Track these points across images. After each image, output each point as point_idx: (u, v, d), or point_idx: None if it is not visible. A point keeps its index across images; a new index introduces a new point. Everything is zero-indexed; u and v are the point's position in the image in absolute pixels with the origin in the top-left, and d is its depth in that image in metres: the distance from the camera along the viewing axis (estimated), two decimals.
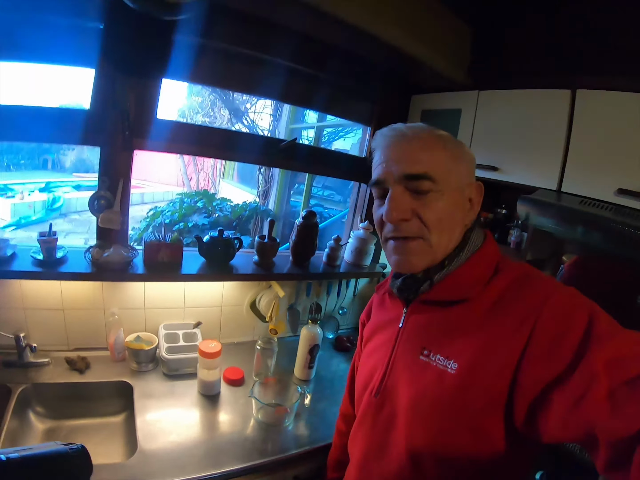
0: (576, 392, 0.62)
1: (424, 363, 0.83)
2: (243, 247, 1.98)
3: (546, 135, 1.63)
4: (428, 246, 0.82)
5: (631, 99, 1.40)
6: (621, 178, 1.40)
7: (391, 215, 0.80)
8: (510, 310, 0.76)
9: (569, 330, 0.67)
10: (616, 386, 0.58)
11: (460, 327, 0.81)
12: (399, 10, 1.65)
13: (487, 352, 0.75)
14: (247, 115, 4.98)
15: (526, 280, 0.80)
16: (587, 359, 0.63)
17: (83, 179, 7.96)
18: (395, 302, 0.98)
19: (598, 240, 1.51)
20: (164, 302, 1.92)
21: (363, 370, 1.02)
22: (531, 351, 0.70)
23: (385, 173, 0.83)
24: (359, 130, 2.89)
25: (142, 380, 1.69)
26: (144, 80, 1.62)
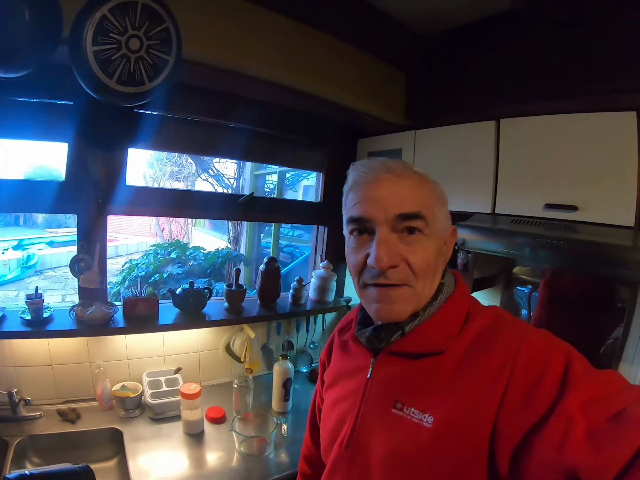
0: (556, 436, 0.63)
1: (397, 417, 0.81)
2: (214, 295, 2.29)
3: (478, 163, 1.94)
4: (414, 294, 0.82)
5: (546, 121, 1.72)
6: (547, 194, 1.70)
7: (382, 262, 0.78)
8: (484, 358, 0.76)
9: (546, 374, 0.68)
10: (593, 427, 0.60)
11: (433, 379, 0.80)
12: (338, 72, 2.03)
13: (464, 403, 0.74)
14: (213, 165, 5.35)
15: (498, 326, 0.81)
16: (564, 402, 0.64)
17: (56, 234, 8.21)
18: (361, 350, 0.95)
19: (542, 256, 1.72)
20: (145, 352, 2.17)
21: (328, 420, 1.00)
22: (509, 399, 0.69)
23: (372, 210, 0.81)
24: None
25: (131, 425, 1.92)
26: (112, 152, 1.93)
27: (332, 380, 1.05)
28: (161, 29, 1.44)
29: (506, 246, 1.79)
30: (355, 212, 0.84)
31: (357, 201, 0.84)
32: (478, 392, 0.73)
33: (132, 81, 1.45)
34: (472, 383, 0.75)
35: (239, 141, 2.34)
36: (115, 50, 1.38)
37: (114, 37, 1.36)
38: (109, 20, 1.33)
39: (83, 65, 1.35)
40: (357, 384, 0.92)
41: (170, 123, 2.11)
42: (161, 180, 5.90)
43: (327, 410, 1.03)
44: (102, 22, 1.32)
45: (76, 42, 1.32)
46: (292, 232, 5.69)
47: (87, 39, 1.31)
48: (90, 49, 1.32)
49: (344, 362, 1.03)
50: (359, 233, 0.84)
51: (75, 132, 1.82)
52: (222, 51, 1.69)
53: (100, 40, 1.33)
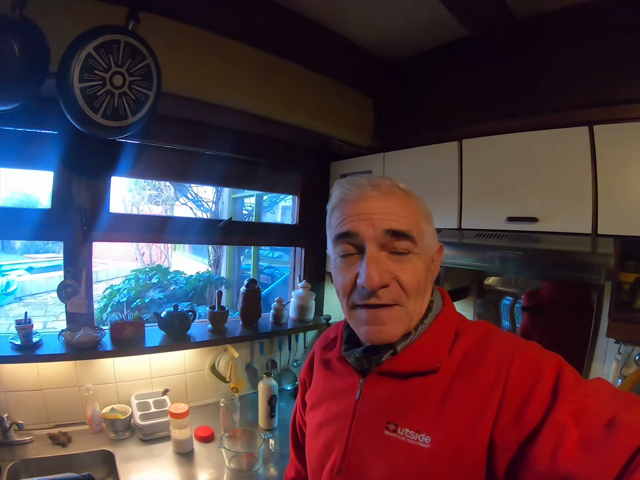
0: (549, 445, 0.63)
1: (391, 438, 0.79)
2: (198, 317, 2.38)
3: (443, 181, 2.07)
4: (405, 313, 0.80)
5: (505, 140, 1.86)
6: (509, 207, 1.84)
7: (373, 281, 0.75)
8: (477, 374, 0.75)
9: (538, 386, 0.69)
10: (586, 435, 0.61)
11: (426, 398, 0.78)
12: (308, 100, 2.17)
13: (460, 420, 0.73)
14: (191, 189, 5.45)
15: (488, 341, 0.80)
16: (555, 412, 0.65)
17: (35, 260, 8.09)
18: (347, 370, 0.92)
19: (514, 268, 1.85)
20: (132, 375, 2.22)
21: (315, 444, 0.96)
22: (504, 412, 0.70)
23: (360, 226, 0.79)
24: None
25: (122, 447, 1.95)
26: (96, 180, 2.02)
27: (316, 401, 1.01)
28: (142, 66, 1.56)
29: (475, 259, 1.90)
30: (343, 228, 0.81)
31: (344, 218, 0.81)
32: (473, 407, 0.73)
33: (116, 115, 1.55)
34: (466, 399, 0.74)
35: (215, 168, 2.46)
36: (100, 87, 1.48)
37: (98, 74, 1.47)
38: (94, 58, 1.44)
39: (70, 101, 1.45)
40: (345, 405, 0.89)
41: (149, 151, 2.22)
42: (140, 204, 5.94)
43: (312, 434, 0.99)
44: (87, 59, 1.42)
45: (64, 79, 1.42)
46: (272, 254, 5.80)
47: (74, 76, 1.41)
48: (77, 85, 1.42)
49: (328, 382, 0.99)
50: (346, 255, 0.82)
51: (59, 161, 1.91)
52: (197, 83, 1.82)
53: (86, 77, 1.44)
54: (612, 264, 1.51)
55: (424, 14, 1.87)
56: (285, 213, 5.03)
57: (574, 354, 2.02)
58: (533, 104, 1.81)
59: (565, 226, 1.70)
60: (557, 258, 1.67)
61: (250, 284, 2.50)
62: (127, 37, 1.50)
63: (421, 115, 2.28)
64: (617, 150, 1.58)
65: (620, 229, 1.57)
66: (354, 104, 2.44)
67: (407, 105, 2.37)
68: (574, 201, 1.67)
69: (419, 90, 2.32)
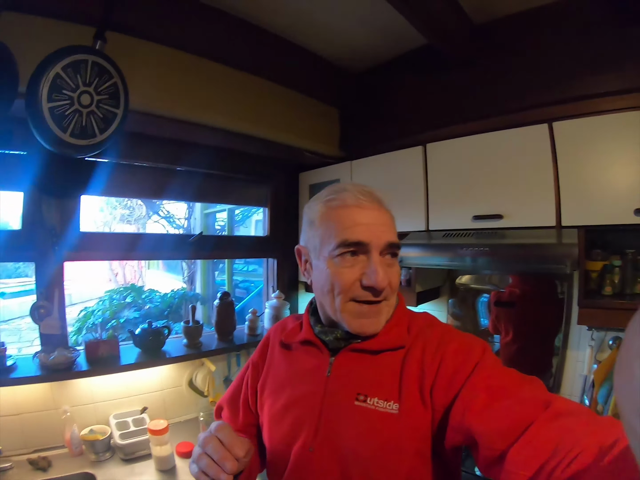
0: (461, 404, 0.77)
1: (362, 408, 0.87)
2: (172, 333, 2.39)
3: (410, 185, 2.15)
4: (388, 306, 0.94)
5: (468, 141, 1.95)
6: (474, 207, 1.92)
7: (384, 282, 0.87)
8: (422, 350, 0.88)
9: (465, 362, 0.82)
10: (492, 403, 0.74)
11: (389, 370, 0.89)
12: (275, 113, 2.24)
13: (416, 387, 0.85)
14: (163, 207, 5.42)
15: (431, 326, 0.95)
16: (471, 380, 0.79)
17: (6, 285, 7.81)
18: (313, 351, 1.00)
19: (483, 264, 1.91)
20: (110, 395, 2.20)
21: (279, 427, 0.99)
22: (439, 380, 0.83)
23: (369, 235, 0.88)
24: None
25: (103, 468, 1.93)
26: (66, 200, 2.01)
27: (277, 387, 1.05)
28: (110, 84, 1.59)
29: (444, 258, 1.96)
30: (353, 237, 0.88)
31: (349, 225, 0.89)
32: (422, 376, 0.86)
33: (85, 134, 1.57)
34: (416, 370, 0.87)
35: (187, 184, 2.48)
36: (69, 106, 1.50)
37: (66, 93, 1.49)
38: (62, 78, 1.46)
39: (39, 120, 1.46)
40: (314, 384, 0.96)
41: (121, 170, 2.23)
42: (112, 224, 5.85)
43: (275, 419, 1.01)
44: (56, 79, 1.44)
45: (33, 99, 1.43)
46: (246, 268, 5.83)
47: (42, 96, 1.43)
48: (45, 105, 1.44)
49: (290, 366, 1.05)
50: (352, 254, 0.89)
51: (29, 181, 1.91)
52: (167, 101, 1.85)
53: (54, 97, 1.46)
54: (576, 254, 1.58)
55: (384, 25, 1.95)
56: (258, 227, 5.06)
57: (544, 343, 2.12)
58: (493, 106, 1.89)
59: (530, 220, 1.79)
60: (523, 251, 1.74)
61: (224, 297, 2.54)
62: (95, 56, 1.53)
63: (385, 122, 2.35)
64: (576, 144, 1.67)
65: (583, 219, 1.66)
66: (321, 115, 2.51)
67: (371, 114, 2.44)
68: (538, 196, 1.76)
69: (382, 99, 2.39)
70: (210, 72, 1.97)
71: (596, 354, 1.91)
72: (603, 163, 1.62)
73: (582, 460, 0.56)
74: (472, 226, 1.94)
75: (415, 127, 2.19)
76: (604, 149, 1.62)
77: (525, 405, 0.71)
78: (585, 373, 1.93)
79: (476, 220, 1.92)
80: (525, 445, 0.65)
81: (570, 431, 0.62)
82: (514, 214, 1.83)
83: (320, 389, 0.94)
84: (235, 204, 3.40)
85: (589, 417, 0.67)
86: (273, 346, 1.13)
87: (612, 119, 1.60)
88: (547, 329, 2.12)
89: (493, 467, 0.70)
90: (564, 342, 2.03)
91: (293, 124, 2.32)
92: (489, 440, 0.71)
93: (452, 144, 2.02)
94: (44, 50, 1.44)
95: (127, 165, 2.25)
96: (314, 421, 0.92)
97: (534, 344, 2.17)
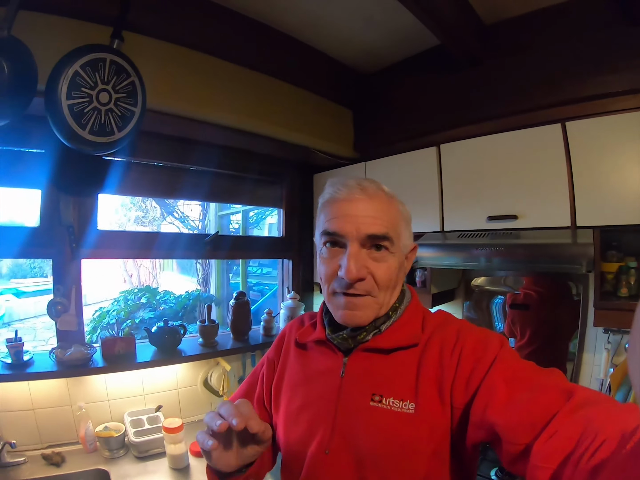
0: (482, 400, 0.76)
1: (377, 409, 0.86)
2: (188, 332, 2.40)
3: (424, 186, 2.15)
4: (375, 303, 0.90)
5: (481, 142, 1.95)
6: (489, 207, 1.91)
7: (352, 274, 0.85)
8: (440, 348, 0.87)
9: (483, 357, 0.81)
10: (512, 394, 0.73)
11: (405, 369, 0.88)
12: (290, 115, 2.26)
13: (434, 386, 0.84)
14: (177, 208, 5.46)
15: (449, 323, 0.94)
16: (490, 375, 0.78)
17: (21, 285, 7.86)
18: (328, 352, 0.99)
19: (498, 264, 1.89)
20: (125, 392, 2.22)
21: (296, 428, 0.98)
22: (458, 378, 0.82)
23: (345, 227, 0.87)
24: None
25: (116, 465, 1.94)
26: (83, 198, 2.05)
27: (292, 386, 1.04)
28: (127, 83, 1.62)
29: (459, 259, 1.96)
30: (330, 227, 0.90)
31: (332, 217, 0.90)
32: (439, 374, 0.84)
33: (103, 132, 1.61)
34: (434, 368, 0.85)
35: (201, 183, 2.51)
36: (87, 103, 1.54)
37: (85, 91, 1.52)
38: (81, 76, 1.50)
39: (58, 117, 1.50)
40: (329, 385, 0.95)
41: (136, 169, 2.27)
42: (126, 226, 5.90)
43: (290, 419, 1.01)
44: (74, 77, 1.48)
45: (52, 96, 1.46)
46: (260, 270, 5.82)
47: (61, 93, 1.46)
48: (65, 102, 1.47)
49: (305, 365, 1.04)
50: (331, 245, 0.91)
51: (47, 179, 1.94)
52: (182, 100, 1.87)
53: (73, 95, 1.49)
54: (592, 253, 1.57)
55: (396, 26, 1.97)
56: (272, 230, 5.06)
57: (560, 346, 2.09)
58: (505, 106, 1.89)
59: (545, 221, 1.78)
60: (538, 251, 1.73)
61: (239, 296, 2.54)
62: (112, 55, 1.57)
63: (399, 123, 2.35)
64: (590, 144, 1.66)
65: (598, 220, 1.65)
66: (334, 116, 2.53)
67: (385, 115, 2.44)
68: (552, 196, 1.75)
69: (395, 100, 2.39)
70: (225, 72, 2.00)
71: (612, 358, 1.89)
72: (617, 163, 1.61)
73: (605, 449, 0.55)
74: (486, 227, 1.94)
75: (429, 128, 2.19)
76: (617, 148, 1.61)
77: (547, 396, 0.70)
78: (601, 377, 1.91)
79: (491, 220, 1.91)
80: (550, 437, 0.63)
81: (593, 420, 0.61)
82: (528, 215, 1.82)
83: (335, 390, 0.93)
84: (250, 204, 3.41)
85: (610, 405, 0.65)
86: (288, 343, 1.13)
87: (625, 118, 1.59)
88: (562, 331, 2.10)
89: (517, 462, 0.69)
90: (579, 345, 2.01)
91: (307, 124, 2.34)
92: (512, 435, 0.69)
93: (466, 145, 2.02)
94: (61, 49, 1.48)
95: (140, 164, 2.28)
96: (329, 423, 0.91)
97: (549, 346, 2.15)
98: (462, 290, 2.50)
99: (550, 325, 2.14)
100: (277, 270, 3.16)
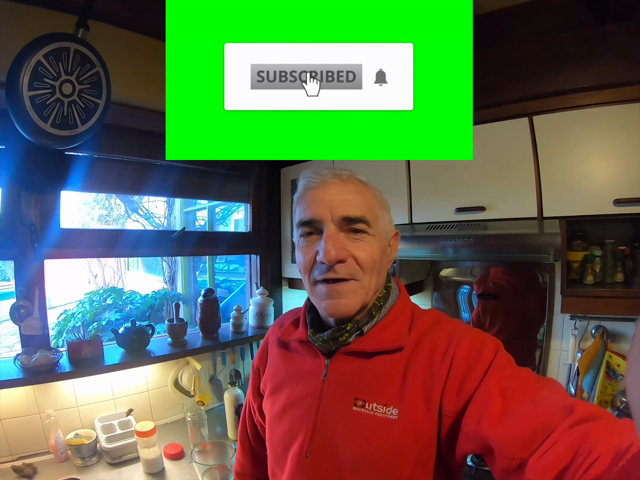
0: (476, 410, 0.73)
1: (360, 414, 0.84)
2: (156, 332, 2.31)
3: (392, 179, 2.14)
4: (360, 287, 0.86)
5: None
6: (457, 199, 1.92)
7: (330, 255, 0.81)
8: (430, 352, 0.83)
9: (477, 364, 0.78)
10: (508, 406, 0.70)
11: (389, 374, 0.84)
12: None
13: (418, 392, 0.81)
14: (142, 205, 5.29)
15: (439, 324, 0.89)
16: (485, 384, 0.75)
17: None
18: (310, 352, 0.96)
19: (466, 255, 1.92)
20: (94, 397, 2.12)
21: (278, 429, 0.97)
22: (449, 384, 0.79)
23: (319, 211, 0.85)
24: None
25: (90, 473, 1.85)
26: (45, 195, 1.93)
27: (277, 385, 1.02)
28: (92, 74, 1.54)
29: (428, 250, 1.97)
30: (305, 216, 0.87)
31: (307, 205, 0.88)
32: (427, 381, 0.81)
33: (66, 124, 1.52)
34: (422, 373, 0.82)
35: (168, 178, 2.41)
36: (50, 95, 1.45)
37: (48, 82, 1.43)
38: (44, 66, 1.41)
39: (19, 110, 1.41)
40: (311, 387, 0.92)
41: (100, 164, 2.15)
42: (90, 225, 5.68)
43: (274, 419, 1.00)
44: (37, 67, 1.39)
45: (13, 87, 1.37)
46: (227, 267, 5.74)
47: (23, 84, 1.37)
48: (26, 94, 1.38)
49: (289, 364, 1.02)
50: (308, 235, 0.88)
51: (7, 175, 1.82)
52: (150, 93, 1.80)
53: (35, 85, 1.40)
54: (558, 243, 1.60)
55: None
56: (238, 226, 4.97)
57: (529, 334, 2.13)
58: (475, 99, 1.89)
59: (512, 212, 1.80)
60: (506, 241, 1.76)
61: (208, 293, 2.47)
62: (77, 44, 1.48)
63: None
64: (556, 137, 1.69)
65: (564, 211, 1.68)
66: None
67: None
68: (519, 188, 1.77)
69: None
70: None
71: (579, 343, 1.95)
72: (582, 155, 1.65)
73: (600, 465, 0.54)
74: (455, 218, 1.94)
75: None
76: (582, 141, 1.65)
77: (546, 410, 0.68)
78: (569, 362, 1.96)
79: (459, 212, 1.92)
80: (547, 452, 0.61)
81: (590, 436, 0.59)
82: (496, 206, 1.83)
83: (317, 392, 0.91)
84: (217, 200, 3.33)
85: (608, 421, 0.64)
86: (272, 345, 1.11)
87: (590, 113, 1.63)
88: (531, 319, 2.14)
89: (511, 476, 0.66)
90: (547, 332, 2.06)
91: None
92: (508, 450, 0.66)
93: None
94: (24, 38, 1.39)
95: (104, 159, 2.17)
96: (310, 425, 0.89)
97: (520, 335, 2.19)
98: (431, 282, 2.51)
99: (520, 314, 2.18)
100: (244, 267, 3.09)
